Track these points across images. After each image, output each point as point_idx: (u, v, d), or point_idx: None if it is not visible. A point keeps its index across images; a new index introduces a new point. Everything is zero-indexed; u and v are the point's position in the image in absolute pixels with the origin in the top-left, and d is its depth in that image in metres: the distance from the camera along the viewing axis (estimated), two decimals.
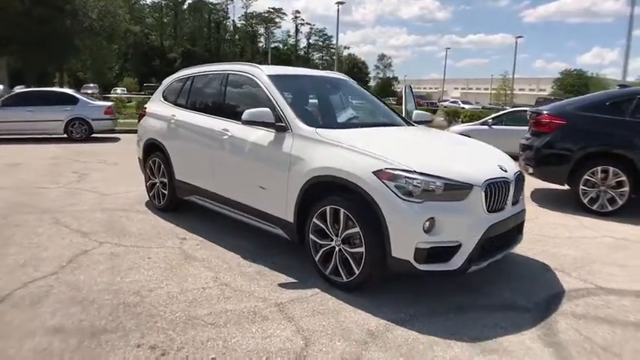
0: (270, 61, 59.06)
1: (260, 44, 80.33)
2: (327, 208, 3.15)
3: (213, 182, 4.21)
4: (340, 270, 3.12)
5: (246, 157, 3.81)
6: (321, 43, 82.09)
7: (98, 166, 8.07)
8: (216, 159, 4.13)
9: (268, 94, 3.79)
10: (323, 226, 3.20)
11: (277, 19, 79.21)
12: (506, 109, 16.79)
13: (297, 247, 3.61)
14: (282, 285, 3.24)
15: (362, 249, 2.95)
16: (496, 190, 3.01)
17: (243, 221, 4.01)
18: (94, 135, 12.18)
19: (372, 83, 76.62)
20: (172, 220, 4.70)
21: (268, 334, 2.55)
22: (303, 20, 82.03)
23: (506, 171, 3.17)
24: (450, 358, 2.38)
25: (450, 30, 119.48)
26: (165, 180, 4.90)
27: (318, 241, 3.26)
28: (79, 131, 11.98)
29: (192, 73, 4.92)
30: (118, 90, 42.22)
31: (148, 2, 75.23)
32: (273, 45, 70.39)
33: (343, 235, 3.07)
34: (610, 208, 5.29)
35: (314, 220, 3.25)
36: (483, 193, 2.90)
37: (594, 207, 5.35)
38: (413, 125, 4.33)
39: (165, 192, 4.94)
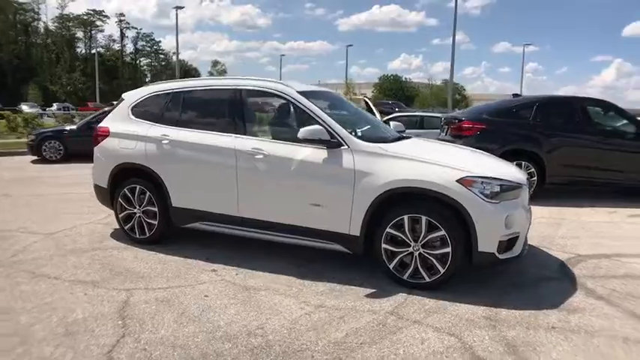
0: (97, 68, 52.25)
1: (79, 49, 70.42)
2: (405, 217, 3.40)
3: (237, 205, 3.96)
4: (422, 272, 3.41)
5: (292, 176, 3.74)
6: (149, 49, 76.09)
7: None
8: (244, 180, 3.90)
9: (309, 111, 3.79)
10: (400, 235, 3.44)
11: (99, 22, 70.59)
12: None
13: (338, 261, 3.83)
14: (370, 296, 3.36)
15: (448, 249, 3.31)
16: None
17: (272, 242, 3.93)
18: None
19: None
20: (171, 252, 4.21)
21: (420, 340, 2.72)
22: (129, 24, 74.71)
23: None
24: (552, 323, 2.93)
25: (271, 36, 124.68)
26: (155, 209, 4.33)
27: (393, 249, 3.48)
28: None
29: (183, 87, 4.45)
30: None
31: None
32: (95, 50, 62.21)
33: (424, 240, 3.38)
34: None
35: (388, 230, 3.46)
36: (526, 191, 3.58)
37: None
38: (410, 137, 4.80)
39: (154, 222, 4.36)
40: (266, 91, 4.08)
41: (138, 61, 74.57)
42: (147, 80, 74.51)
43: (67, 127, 11.73)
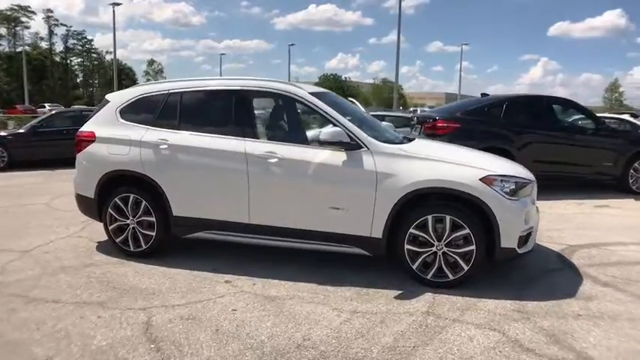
0: (25, 68, 47.49)
1: (1, 47, 63.59)
2: (429, 217, 3.44)
3: (249, 212, 3.79)
4: (446, 270, 3.47)
5: (310, 180, 3.64)
6: (80, 47, 70.57)
7: None
8: (256, 186, 3.74)
9: (325, 113, 3.72)
10: (423, 235, 3.47)
11: (24, 19, 64.22)
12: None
13: (350, 264, 3.85)
14: (398, 298, 3.36)
15: (472, 247, 3.39)
16: None
17: (276, 248, 3.85)
18: None
19: None
20: (173, 265, 3.94)
21: (468, 337, 2.76)
22: (57, 21, 68.65)
23: None
24: (576, 311, 3.11)
25: (206, 35, 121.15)
26: (152, 219, 4.03)
27: (416, 249, 3.50)
28: None
29: (180, 88, 4.15)
30: None
31: None
32: (20, 48, 56.05)
33: (448, 240, 3.43)
34: None
35: (411, 230, 3.48)
36: (535, 187, 3.76)
37: None
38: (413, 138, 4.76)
39: (151, 233, 4.06)
40: (277, 92, 3.94)
41: (69, 61, 68.89)
42: (78, 81, 69.40)
43: (11, 132, 10.66)
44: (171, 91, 4.15)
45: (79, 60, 69.92)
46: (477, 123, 7.13)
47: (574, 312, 3.11)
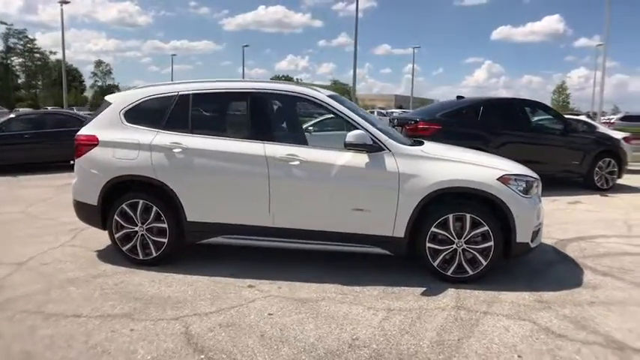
0: None
1: None
2: (450, 216, 3.59)
3: (271, 215, 3.76)
4: (466, 266, 3.63)
5: (333, 182, 3.68)
6: (22, 47, 65.32)
7: None
8: (278, 189, 3.72)
9: (345, 116, 3.79)
10: (444, 233, 3.61)
11: None
12: None
13: (364, 263, 3.96)
14: (425, 294, 3.47)
15: (490, 243, 3.58)
16: None
17: (300, 250, 3.88)
18: None
19: (88, 93, 65.53)
20: (187, 272, 3.83)
21: (504, 328, 2.93)
22: None
23: None
24: (588, 299, 3.38)
25: (152, 35, 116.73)
26: (163, 225, 3.89)
27: (438, 247, 3.64)
28: None
29: (192, 89, 4.02)
30: None
31: None
32: None
33: (468, 237, 3.60)
34: None
35: (433, 229, 3.62)
36: (540, 185, 4.02)
37: None
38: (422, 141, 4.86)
39: (163, 240, 3.92)
40: (296, 95, 3.94)
41: (9, 61, 63.51)
42: (20, 82, 64.20)
43: None
44: (181, 93, 4.03)
45: (20, 60, 64.79)
46: (457, 124, 7.47)
47: (586, 300, 3.38)
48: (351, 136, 3.57)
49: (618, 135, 8.68)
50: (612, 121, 21.97)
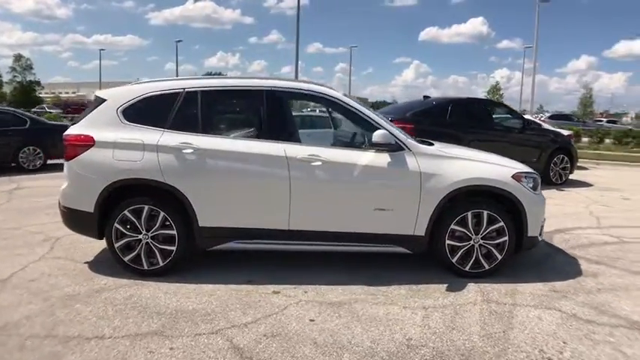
0: None
1: None
2: (469, 213, 3.70)
3: (289, 218, 3.63)
4: (482, 261, 3.77)
5: (355, 182, 3.63)
6: None
7: None
8: (299, 190, 3.60)
9: (365, 116, 3.76)
10: (463, 230, 3.72)
11: None
12: None
13: (383, 262, 4.00)
14: (450, 290, 3.55)
15: (505, 238, 3.75)
16: None
17: (307, 252, 3.82)
18: None
19: (6, 88, 58.83)
20: (200, 280, 3.59)
21: (537, 317, 3.07)
22: None
23: None
24: (594, 287, 3.66)
25: (73, 29, 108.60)
26: (173, 232, 3.62)
27: (456, 244, 3.74)
28: None
29: (199, 86, 3.75)
30: None
31: None
32: None
33: (485, 233, 3.73)
34: None
35: (452, 226, 3.71)
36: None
37: None
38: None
39: (172, 247, 3.64)
40: (313, 94, 3.82)
41: None
42: None
43: None
44: (187, 90, 3.75)
45: None
46: (428, 123, 7.73)
47: (594, 287, 3.65)
48: (378, 135, 3.56)
49: (565, 132, 9.52)
50: (543, 119, 23.99)
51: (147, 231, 3.62)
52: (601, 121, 34.54)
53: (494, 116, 8.72)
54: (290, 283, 3.61)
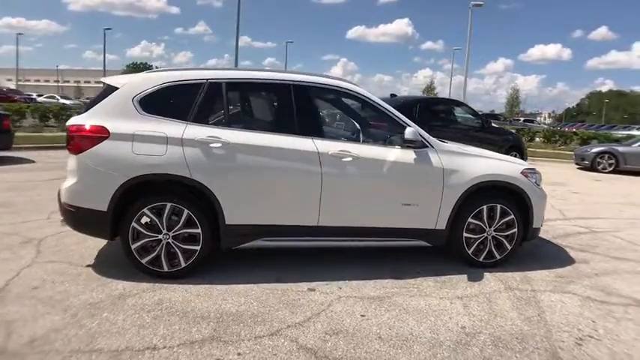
0: None
1: None
2: (484, 207, 3.92)
3: (318, 214, 3.58)
4: (494, 252, 4.01)
5: (385, 178, 3.68)
6: None
7: None
8: (330, 186, 3.56)
9: (391, 113, 3.81)
10: (479, 223, 3.93)
11: None
12: None
13: (403, 255, 4.13)
14: (472, 280, 3.74)
15: (515, 229, 4.02)
16: None
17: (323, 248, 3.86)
18: None
19: None
20: (229, 281, 3.42)
21: (560, 301, 3.35)
22: None
23: None
24: (591, 272, 4.07)
25: None
26: (197, 230, 3.40)
27: (472, 236, 3.95)
28: None
29: (220, 77, 3.53)
30: None
31: None
32: None
33: (497, 225, 3.97)
34: None
35: (470, 220, 3.91)
36: None
37: None
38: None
39: (196, 247, 3.42)
40: (340, 90, 3.78)
41: None
42: None
43: None
44: (210, 81, 3.52)
45: None
46: None
47: (591, 272, 4.06)
48: (409, 132, 3.63)
49: (513, 131, 10.39)
50: None
51: (168, 230, 3.37)
52: (518, 120, 37.91)
53: (456, 115, 9.25)
54: (320, 279, 3.56)
